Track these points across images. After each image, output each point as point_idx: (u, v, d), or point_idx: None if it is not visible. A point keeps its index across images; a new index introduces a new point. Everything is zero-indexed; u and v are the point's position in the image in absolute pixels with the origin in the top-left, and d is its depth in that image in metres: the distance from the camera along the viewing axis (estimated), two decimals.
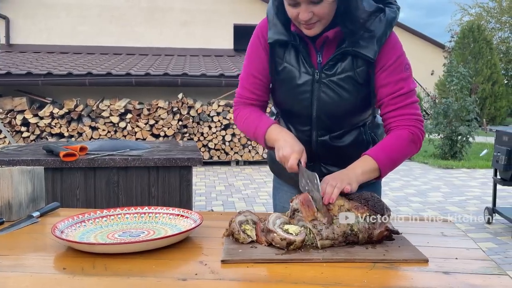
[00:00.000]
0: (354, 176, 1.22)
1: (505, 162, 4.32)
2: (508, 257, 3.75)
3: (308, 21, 1.24)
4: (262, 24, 1.42)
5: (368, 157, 1.28)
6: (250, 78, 1.45)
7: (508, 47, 26.74)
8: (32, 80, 8.36)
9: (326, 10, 1.22)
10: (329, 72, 1.34)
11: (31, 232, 1.22)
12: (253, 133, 1.41)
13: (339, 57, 1.32)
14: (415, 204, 5.74)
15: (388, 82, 1.33)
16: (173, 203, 2.61)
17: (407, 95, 1.34)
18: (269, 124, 1.37)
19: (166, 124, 8.43)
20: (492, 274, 0.94)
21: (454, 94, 9.35)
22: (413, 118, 1.34)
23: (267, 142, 1.37)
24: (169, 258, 1.01)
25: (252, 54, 1.44)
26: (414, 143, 1.33)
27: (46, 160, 2.54)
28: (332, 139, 1.44)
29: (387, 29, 1.31)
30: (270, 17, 1.38)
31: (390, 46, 1.33)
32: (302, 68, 1.36)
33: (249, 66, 1.45)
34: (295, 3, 1.22)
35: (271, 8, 1.38)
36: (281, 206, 1.64)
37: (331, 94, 1.35)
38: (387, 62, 1.32)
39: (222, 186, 6.83)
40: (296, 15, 1.24)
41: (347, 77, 1.33)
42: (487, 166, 8.31)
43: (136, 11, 12.30)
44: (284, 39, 1.34)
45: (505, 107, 18.91)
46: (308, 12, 1.22)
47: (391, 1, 1.36)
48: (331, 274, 0.93)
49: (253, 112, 1.44)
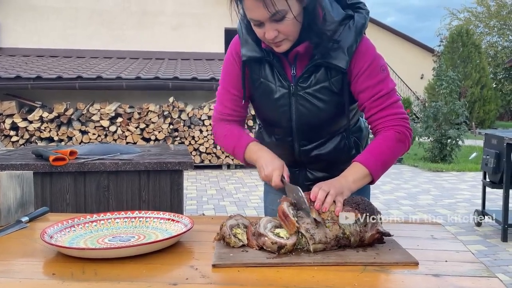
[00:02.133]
0: (346, 184, 1.22)
1: (494, 165, 4.36)
2: (497, 260, 3.78)
3: (274, 39, 1.25)
4: (235, 41, 1.44)
5: (358, 164, 1.28)
6: (227, 95, 1.47)
7: (496, 51, 27.06)
8: (21, 83, 8.30)
9: (290, 27, 1.23)
10: (304, 85, 1.35)
11: (20, 237, 1.20)
12: (232, 149, 1.45)
13: (312, 69, 1.33)
14: (405, 207, 5.77)
15: (367, 86, 1.33)
16: (164, 207, 2.60)
17: (388, 96, 1.34)
18: (247, 143, 1.40)
19: (157, 128, 8.40)
20: (481, 277, 0.95)
21: (444, 98, 9.44)
22: (397, 117, 1.34)
23: (246, 159, 1.41)
24: (159, 263, 1.01)
25: (228, 71, 1.46)
26: (402, 142, 1.33)
27: (35, 164, 2.51)
28: (314, 147, 1.46)
29: (357, 36, 1.31)
30: (241, 35, 1.39)
31: (362, 53, 1.32)
32: (278, 82, 1.37)
33: (226, 83, 1.47)
34: (259, 23, 1.24)
35: (241, 26, 1.38)
36: (271, 209, 1.64)
37: (308, 105, 1.37)
38: (361, 69, 1.33)
39: (213, 190, 6.81)
40: (263, 34, 1.26)
41: (322, 88, 1.34)
42: (477, 169, 8.39)
43: (127, 14, 12.26)
44: (257, 55, 1.36)
45: (494, 111, 19.11)
46: (273, 30, 1.23)
47: (360, 5, 1.36)
48: (322, 278, 0.93)
49: (231, 130, 1.47)
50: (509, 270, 3.55)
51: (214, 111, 1.53)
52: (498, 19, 27.57)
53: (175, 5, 12.41)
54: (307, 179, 1.52)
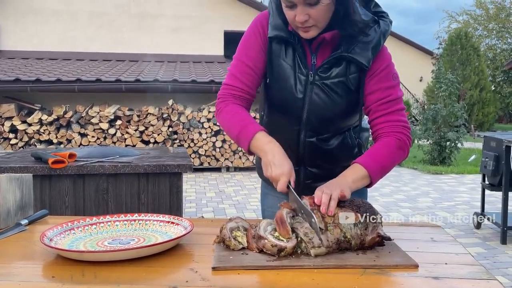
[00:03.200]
0: (346, 183, 1.22)
1: (493, 168, 4.37)
2: (497, 262, 3.78)
3: (304, 24, 1.25)
4: (262, 16, 1.40)
5: (358, 165, 1.29)
6: (241, 67, 1.39)
7: (495, 54, 27.12)
8: (21, 86, 8.30)
9: (322, 12, 1.24)
10: (324, 75, 1.36)
11: (19, 240, 1.20)
12: (237, 134, 1.34)
13: (334, 61, 1.34)
14: (405, 209, 5.77)
15: (377, 88, 1.35)
16: (163, 210, 2.60)
17: (395, 102, 1.36)
18: (257, 130, 1.31)
19: (156, 131, 8.40)
20: (481, 279, 0.95)
21: (443, 100, 9.46)
22: (400, 124, 1.36)
23: (251, 147, 1.31)
24: (159, 266, 1.01)
25: (248, 42, 1.40)
26: (402, 150, 1.35)
27: (34, 167, 2.51)
28: (319, 141, 1.45)
29: (381, 39, 1.34)
30: (271, 12, 1.37)
31: (381, 54, 1.36)
32: (297, 68, 1.37)
33: (243, 54, 1.40)
34: (291, 4, 1.23)
35: (272, 2, 1.37)
36: (269, 211, 1.64)
37: (323, 96, 1.37)
38: (378, 69, 1.35)
39: (212, 193, 6.81)
40: (293, 17, 1.25)
41: (340, 82, 1.35)
42: (476, 172, 8.39)
43: (126, 17, 12.28)
44: (283, 35, 1.35)
45: (493, 113, 19.15)
46: (305, 14, 1.23)
47: (384, 14, 1.39)
48: (322, 280, 0.93)
49: (240, 111, 1.37)
50: (508, 272, 3.55)
51: (222, 87, 1.43)
52: (497, 21, 27.64)
53: (174, 8, 12.43)
54: (307, 177, 1.51)
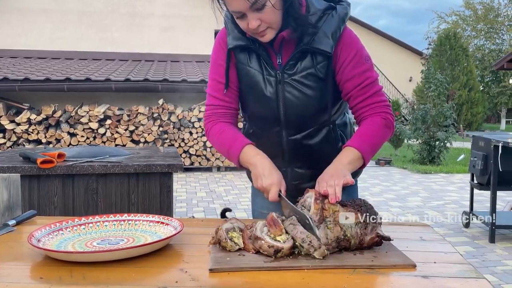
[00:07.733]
0: (343, 167, 1.25)
1: (482, 167, 4.41)
2: (485, 261, 3.82)
3: (258, 29, 1.28)
4: (222, 33, 1.46)
5: (350, 148, 1.32)
6: (216, 85, 1.46)
7: (483, 54, 27.38)
8: (9, 85, 8.21)
9: (271, 14, 1.26)
10: (291, 72, 1.38)
11: (7, 241, 1.19)
12: (227, 151, 1.41)
13: (298, 56, 1.36)
14: (394, 208, 5.81)
15: (353, 75, 1.38)
16: (153, 210, 2.58)
17: (373, 84, 1.40)
18: (243, 145, 1.37)
19: (147, 130, 8.36)
20: (469, 278, 0.95)
21: (432, 100, 9.54)
22: (382, 104, 1.40)
23: (241, 162, 1.38)
24: (149, 266, 1.00)
25: (217, 61, 1.46)
26: (388, 128, 1.39)
27: (22, 167, 2.49)
28: (302, 138, 1.47)
29: (340, 24, 1.36)
30: (228, 26, 1.41)
31: (348, 42, 1.38)
32: (265, 71, 1.40)
33: (215, 73, 1.47)
34: (241, 14, 1.26)
35: (226, 17, 1.41)
36: (259, 212, 1.64)
37: (295, 92, 1.39)
38: (347, 58, 1.37)
39: (203, 193, 6.79)
40: (246, 25, 1.28)
41: (309, 74, 1.37)
42: (464, 171, 8.48)
43: (116, 16, 12.20)
44: (243, 44, 1.38)
45: (481, 113, 19.35)
46: (255, 19, 1.25)
47: None
48: (312, 280, 0.93)
49: (226, 129, 1.44)
50: (496, 271, 3.58)
51: (206, 108, 1.51)
52: (485, 22, 27.92)
53: (164, 7, 12.38)
54: (294, 178, 1.52)
